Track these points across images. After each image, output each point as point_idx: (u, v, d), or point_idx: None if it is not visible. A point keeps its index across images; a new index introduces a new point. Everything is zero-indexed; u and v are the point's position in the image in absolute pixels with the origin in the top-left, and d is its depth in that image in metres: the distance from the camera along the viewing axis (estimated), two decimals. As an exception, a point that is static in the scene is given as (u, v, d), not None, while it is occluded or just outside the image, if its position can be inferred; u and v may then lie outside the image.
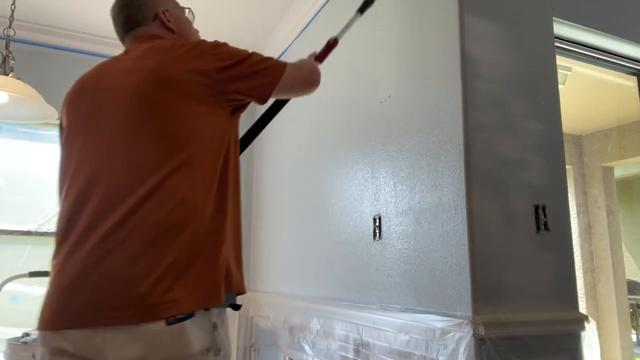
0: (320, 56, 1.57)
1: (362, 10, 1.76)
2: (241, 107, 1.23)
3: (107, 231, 0.99)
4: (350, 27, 1.69)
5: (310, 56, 1.55)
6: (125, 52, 1.26)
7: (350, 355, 1.86)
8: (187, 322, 0.98)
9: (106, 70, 1.21)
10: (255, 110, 2.13)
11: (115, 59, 1.24)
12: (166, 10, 1.32)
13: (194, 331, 0.99)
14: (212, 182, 1.10)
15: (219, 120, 1.16)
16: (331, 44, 1.62)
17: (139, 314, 0.95)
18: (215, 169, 1.12)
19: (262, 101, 1.23)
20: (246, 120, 1.34)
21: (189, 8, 1.41)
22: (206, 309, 1.03)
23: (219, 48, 1.17)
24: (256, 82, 1.19)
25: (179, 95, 1.10)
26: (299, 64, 1.33)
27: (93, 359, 0.98)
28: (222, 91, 1.15)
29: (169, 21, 1.31)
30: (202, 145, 1.10)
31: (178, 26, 1.33)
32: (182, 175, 1.05)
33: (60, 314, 0.99)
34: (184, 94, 1.10)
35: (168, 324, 0.96)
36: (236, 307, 1.14)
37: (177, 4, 1.39)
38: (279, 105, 1.57)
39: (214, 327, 1.05)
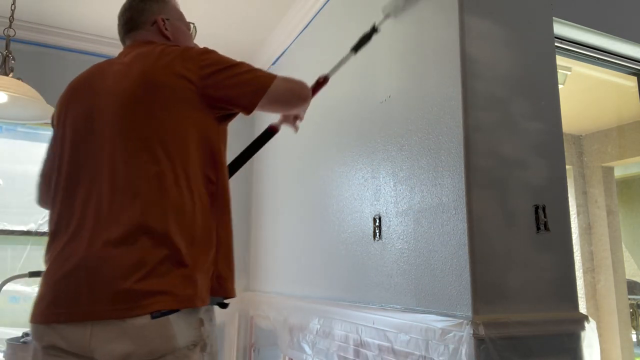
0: (311, 92, 1.53)
1: (356, 49, 1.78)
2: (228, 117, 1.22)
3: (98, 231, 1.02)
4: (343, 65, 1.69)
5: None
6: (118, 56, 1.26)
7: (350, 355, 1.86)
8: (172, 316, 0.99)
9: (98, 74, 1.21)
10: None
11: (108, 62, 1.24)
12: (167, 19, 1.32)
13: (179, 325, 1.00)
14: (200, 188, 1.11)
15: (209, 127, 1.16)
16: (321, 82, 1.62)
17: (124, 308, 0.96)
18: (204, 175, 1.13)
19: (248, 111, 1.21)
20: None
21: (193, 23, 1.41)
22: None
23: (206, 55, 1.17)
24: (242, 90, 1.18)
25: (169, 100, 1.11)
26: (289, 78, 1.31)
27: (83, 354, 0.99)
28: (207, 98, 1.15)
29: (166, 29, 1.30)
30: (193, 152, 1.11)
31: (175, 35, 1.32)
32: (171, 181, 1.06)
33: (51, 307, 1.01)
34: (173, 98, 1.11)
35: (153, 317, 0.97)
36: (223, 306, 1.15)
37: (182, 17, 1.38)
38: (267, 136, 1.55)
39: (201, 322, 1.06)
